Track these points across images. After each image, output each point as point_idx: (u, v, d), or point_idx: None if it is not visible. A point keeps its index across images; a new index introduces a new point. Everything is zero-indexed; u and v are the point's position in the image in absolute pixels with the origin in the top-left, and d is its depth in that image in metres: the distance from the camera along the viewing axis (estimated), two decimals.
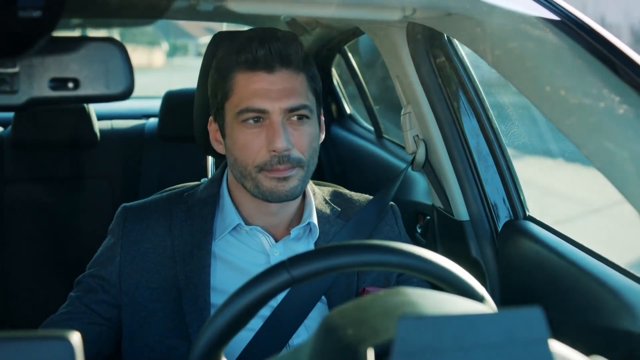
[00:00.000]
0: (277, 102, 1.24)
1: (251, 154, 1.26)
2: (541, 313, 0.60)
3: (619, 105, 1.07)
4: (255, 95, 1.25)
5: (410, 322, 0.59)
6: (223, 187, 1.38)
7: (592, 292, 1.30)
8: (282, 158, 1.25)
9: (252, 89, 1.25)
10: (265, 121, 1.26)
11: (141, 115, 3.06)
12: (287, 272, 0.85)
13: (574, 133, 1.12)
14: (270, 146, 1.24)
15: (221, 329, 0.83)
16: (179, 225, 1.34)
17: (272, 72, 1.25)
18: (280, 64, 1.25)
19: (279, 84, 1.25)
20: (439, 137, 1.68)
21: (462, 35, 1.34)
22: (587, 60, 1.10)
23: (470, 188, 1.66)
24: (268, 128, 1.25)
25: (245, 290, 0.84)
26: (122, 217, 1.36)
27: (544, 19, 1.16)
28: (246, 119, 1.26)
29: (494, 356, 0.59)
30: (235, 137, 1.28)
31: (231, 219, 1.33)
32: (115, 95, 0.76)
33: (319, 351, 0.68)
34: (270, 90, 1.25)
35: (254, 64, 1.25)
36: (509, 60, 1.22)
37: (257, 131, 1.26)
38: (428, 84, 1.67)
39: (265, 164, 1.25)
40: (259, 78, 1.25)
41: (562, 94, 1.12)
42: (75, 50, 0.73)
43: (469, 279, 0.89)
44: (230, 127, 1.29)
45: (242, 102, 1.26)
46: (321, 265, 0.86)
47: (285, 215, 1.36)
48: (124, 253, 1.32)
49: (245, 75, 1.26)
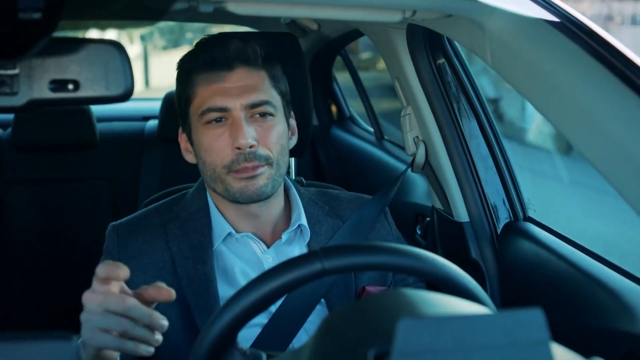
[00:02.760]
0: (237, 99, 1.24)
1: (217, 155, 1.26)
2: (541, 314, 0.60)
3: (618, 107, 1.07)
4: (215, 94, 1.25)
5: (411, 323, 0.59)
6: (208, 196, 1.37)
7: (592, 293, 1.30)
8: (247, 156, 1.24)
9: (212, 88, 1.25)
10: (228, 120, 1.26)
11: (141, 117, 3.07)
12: (320, 262, 0.84)
13: (573, 134, 1.12)
14: (234, 143, 1.24)
15: (244, 308, 0.82)
16: (176, 241, 1.32)
17: (231, 70, 1.26)
18: (238, 61, 1.26)
19: (239, 81, 1.26)
20: (438, 139, 1.68)
21: (462, 36, 1.34)
22: (587, 62, 1.10)
23: (470, 189, 1.66)
24: (231, 126, 1.25)
25: (274, 273, 0.84)
26: (114, 235, 1.34)
27: (543, 21, 1.17)
28: (209, 120, 1.26)
29: (494, 358, 0.59)
30: (200, 140, 1.28)
31: (221, 229, 1.32)
32: (115, 97, 0.76)
33: (319, 353, 0.68)
34: (230, 87, 1.25)
35: (212, 64, 1.26)
36: (508, 62, 1.22)
37: (220, 131, 1.26)
38: (428, 86, 1.67)
39: (232, 163, 1.25)
40: (218, 77, 1.26)
41: (562, 95, 1.12)
42: (75, 52, 0.73)
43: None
44: (196, 131, 1.29)
45: (204, 103, 1.26)
46: (354, 261, 0.85)
47: (270, 217, 1.35)
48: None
49: (204, 76, 1.27)
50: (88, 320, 0.97)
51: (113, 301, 0.96)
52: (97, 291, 0.97)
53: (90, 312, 0.97)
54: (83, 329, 0.98)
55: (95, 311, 0.96)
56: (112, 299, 0.96)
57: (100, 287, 0.97)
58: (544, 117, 1.19)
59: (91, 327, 0.97)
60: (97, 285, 0.97)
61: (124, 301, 0.96)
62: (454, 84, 1.69)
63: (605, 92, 1.09)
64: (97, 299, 0.96)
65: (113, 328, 0.96)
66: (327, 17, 1.36)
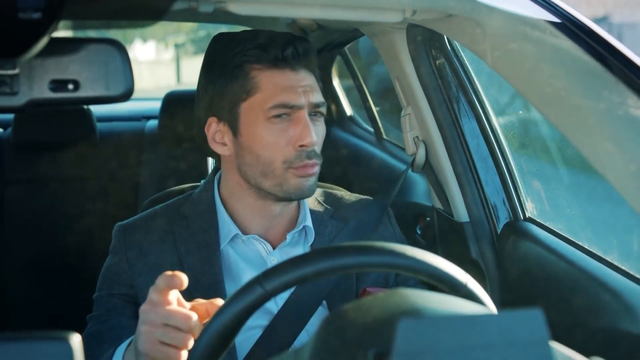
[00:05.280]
0: (305, 97, 1.27)
1: (278, 151, 1.27)
2: (541, 314, 0.60)
3: (618, 107, 1.07)
4: (284, 91, 1.26)
5: (411, 323, 0.59)
6: (216, 196, 1.37)
7: (592, 293, 1.30)
8: (310, 153, 1.27)
9: (281, 86, 1.26)
10: (291, 116, 1.27)
11: (141, 117, 3.06)
12: (261, 287, 0.86)
13: (573, 134, 1.12)
14: (300, 141, 1.26)
15: (206, 349, 0.84)
16: (183, 241, 1.32)
17: (296, 71, 1.28)
18: (301, 63, 1.29)
19: (303, 80, 1.28)
20: (439, 139, 1.68)
21: (462, 36, 1.34)
22: (587, 62, 1.10)
23: (470, 189, 1.66)
24: (296, 123, 1.26)
25: (223, 311, 0.85)
26: (121, 235, 1.34)
27: (544, 21, 1.16)
28: (276, 115, 1.26)
29: (494, 357, 0.59)
30: (261, 134, 1.27)
31: (228, 230, 1.32)
32: (115, 96, 0.76)
33: (320, 353, 0.68)
34: (297, 86, 1.27)
35: (280, 62, 1.27)
36: (509, 62, 1.23)
37: (284, 127, 1.27)
38: (428, 86, 1.67)
39: (294, 159, 1.26)
40: (285, 76, 1.27)
41: (562, 95, 1.12)
42: (75, 52, 0.73)
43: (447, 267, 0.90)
44: (254, 125, 1.28)
45: (272, 98, 1.26)
46: (293, 276, 0.86)
47: (285, 216, 1.36)
48: (130, 267, 1.31)
49: (269, 73, 1.27)
50: (150, 333, 0.97)
51: (179, 318, 0.96)
52: (158, 304, 0.97)
53: (151, 324, 0.97)
54: (142, 340, 0.98)
55: (157, 324, 0.96)
56: (178, 316, 0.96)
57: (160, 298, 0.97)
58: (544, 117, 1.19)
59: (152, 339, 0.97)
60: (157, 296, 0.97)
61: (189, 319, 0.96)
62: (454, 84, 1.69)
63: (605, 91, 1.08)
64: (159, 313, 0.96)
65: (177, 343, 0.96)
66: (327, 17, 1.36)
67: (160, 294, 0.97)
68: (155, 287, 0.98)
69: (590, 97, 1.09)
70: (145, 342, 0.98)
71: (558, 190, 1.82)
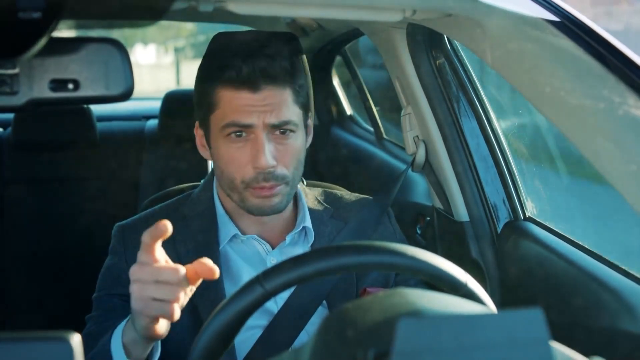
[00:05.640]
0: (261, 117, 1.23)
1: (237, 169, 1.26)
2: (541, 314, 0.60)
3: (618, 106, 1.07)
4: (239, 109, 1.23)
5: (411, 322, 0.59)
6: (215, 196, 1.37)
7: (592, 293, 1.30)
8: (267, 175, 1.24)
9: (236, 104, 1.24)
10: (249, 135, 1.25)
11: (141, 117, 3.06)
12: (261, 287, 0.87)
13: (573, 133, 1.12)
14: (254, 163, 1.24)
15: (206, 349, 0.85)
16: (182, 241, 1.32)
17: (257, 91, 1.23)
18: (264, 81, 1.23)
19: (264, 100, 1.24)
20: (439, 138, 1.68)
21: (462, 36, 1.34)
22: (587, 61, 1.10)
23: (470, 189, 1.66)
24: (252, 144, 1.24)
25: (223, 311, 0.86)
26: (120, 235, 1.34)
27: (544, 20, 1.16)
28: (230, 133, 1.25)
29: (494, 357, 0.59)
30: (220, 150, 1.27)
31: (227, 230, 1.33)
32: (115, 96, 0.76)
33: (320, 353, 0.68)
34: (255, 105, 1.23)
35: (237, 83, 1.23)
36: (508, 61, 1.23)
37: (241, 145, 1.25)
38: (428, 85, 1.67)
39: (250, 181, 1.25)
40: (241, 95, 1.24)
41: (562, 95, 1.12)
42: (75, 51, 0.73)
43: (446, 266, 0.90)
44: (215, 139, 1.28)
45: (227, 116, 1.24)
46: (293, 276, 0.87)
47: (278, 222, 1.36)
48: (130, 267, 1.31)
49: (228, 92, 1.24)
50: (142, 290, 0.99)
51: (167, 273, 0.99)
52: (147, 263, 1.00)
53: (142, 282, 0.99)
54: (135, 300, 1.01)
55: (147, 282, 0.99)
56: (166, 271, 0.99)
57: (149, 257, 1.00)
58: (544, 117, 1.19)
59: (145, 297, 0.99)
60: (145, 256, 1.00)
61: (177, 272, 0.99)
62: (454, 84, 1.69)
63: (604, 91, 1.09)
64: (149, 271, 0.99)
65: (168, 297, 0.99)
66: (328, 16, 1.36)
67: (148, 253, 0.99)
68: (142, 247, 1.00)
69: (590, 96, 1.09)
70: (139, 300, 1.00)
71: (558, 190, 1.81)
